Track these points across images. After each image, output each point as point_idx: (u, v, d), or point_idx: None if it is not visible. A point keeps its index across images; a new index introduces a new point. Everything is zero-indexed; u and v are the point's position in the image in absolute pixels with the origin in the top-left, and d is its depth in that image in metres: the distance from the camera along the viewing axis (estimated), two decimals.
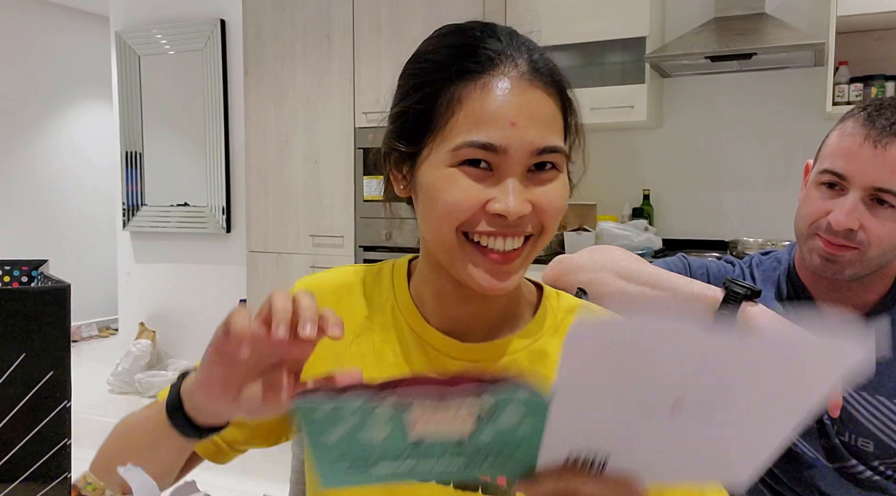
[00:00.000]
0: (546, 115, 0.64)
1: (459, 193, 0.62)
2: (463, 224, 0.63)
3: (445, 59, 0.66)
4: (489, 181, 0.63)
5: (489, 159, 0.62)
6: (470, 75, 0.64)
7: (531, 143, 0.62)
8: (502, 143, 0.62)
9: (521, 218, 0.63)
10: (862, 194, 0.96)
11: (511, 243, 0.64)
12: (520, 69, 0.64)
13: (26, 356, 1.76)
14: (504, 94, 0.63)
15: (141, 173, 4.38)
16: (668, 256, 1.20)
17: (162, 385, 4.02)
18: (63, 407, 1.71)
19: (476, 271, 0.65)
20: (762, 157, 3.12)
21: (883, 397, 1.02)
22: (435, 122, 0.64)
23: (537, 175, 0.64)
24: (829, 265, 1.00)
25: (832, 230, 0.97)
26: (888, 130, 0.94)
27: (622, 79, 3.08)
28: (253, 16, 3.46)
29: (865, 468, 1.03)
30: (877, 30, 2.85)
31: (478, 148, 0.62)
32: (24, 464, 1.81)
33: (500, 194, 0.62)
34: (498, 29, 0.69)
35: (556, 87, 0.66)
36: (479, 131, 0.62)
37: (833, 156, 0.99)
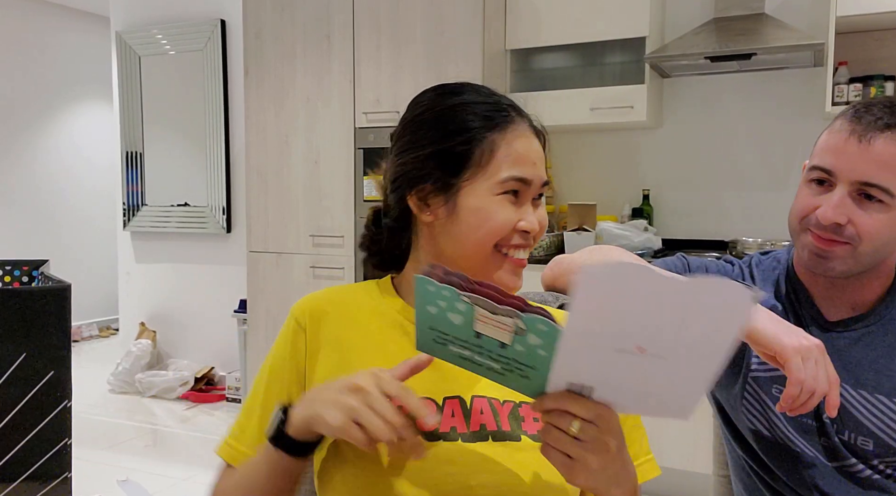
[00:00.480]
0: (542, 156, 0.87)
1: (505, 215, 0.83)
2: (502, 239, 0.84)
3: (480, 113, 0.85)
4: (516, 206, 0.84)
5: (520, 189, 0.84)
6: (505, 124, 0.85)
7: (541, 178, 0.86)
8: (531, 178, 0.84)
9: (536, 233, 0.85)
10: (849, 189, 0.96)
11: (525, 253, 0.86)
12: (527, 122, 0.87)
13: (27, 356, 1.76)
14: (526, 140, 0.85)
15: (141, 173, 4.38)
16: (668, 256, 1.20)
17: (162, 385, 4.03)
18: (63, 406, 1.70)
19: (504, 275, 0.85)
20: (762, 157, 3.12)
21: (882, 396, 1.02)
22: (475, 160, 0.83)
23: (538, 201, 0.87)
24: (821, 261, 1.00)
25: (821, 225, 0.98)
26: (873, 125, 0.95)
27: (622, 79, 3.08)
28: (253, 16, 3.46)
29: (865, 467, 1.03)
30: (877, 30, 2.85)
31: (519, 181, 0.83)
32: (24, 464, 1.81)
33: (526, 216, 0.84)
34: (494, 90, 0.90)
35: (541, 137, 0.89)
36: (518, 168, 0.83)
37: (821, 153, 1.00)
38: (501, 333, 0.61)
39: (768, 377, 1.09)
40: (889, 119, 0.95)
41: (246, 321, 3.71)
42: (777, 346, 0.90)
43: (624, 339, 0.57)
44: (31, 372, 1.89)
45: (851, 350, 1.04)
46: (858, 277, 1.03)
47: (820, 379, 0.87)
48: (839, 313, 1.07)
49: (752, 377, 1.11)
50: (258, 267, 3.52)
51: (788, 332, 0.91)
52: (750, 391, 1.11)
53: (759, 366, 1.10)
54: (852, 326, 1.05)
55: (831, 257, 0.99)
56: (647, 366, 0.59)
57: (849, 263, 0.99)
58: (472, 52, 3.00)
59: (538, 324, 0.59)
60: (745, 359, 1.11)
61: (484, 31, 2.99)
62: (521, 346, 0.61)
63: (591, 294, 0.55)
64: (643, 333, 0.56)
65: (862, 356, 1.04)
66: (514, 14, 3.19)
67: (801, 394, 0.87)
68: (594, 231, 2.97)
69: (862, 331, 1.05)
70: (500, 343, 0.62)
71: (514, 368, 0.64)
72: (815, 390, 0.87)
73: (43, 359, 1.90)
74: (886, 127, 0.95)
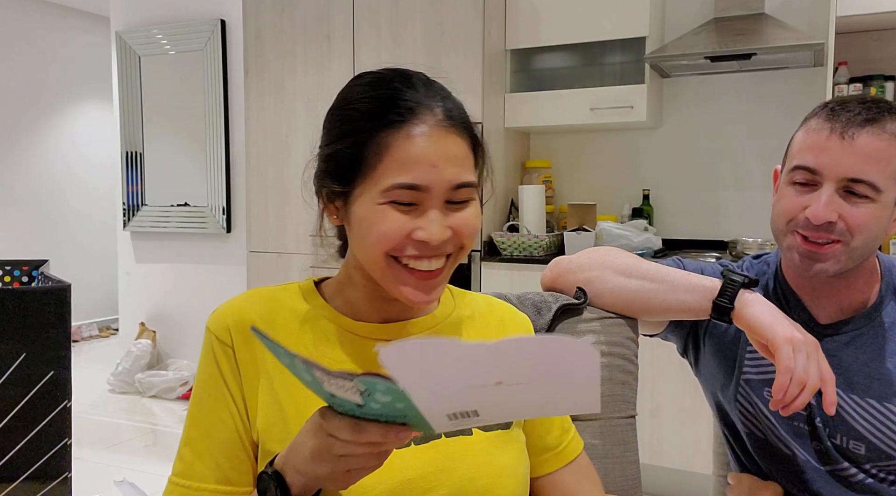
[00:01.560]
0: (460, 155, 0.76)
1: (390, 224, 0.74)
2: (391, 250, 0.75)
3: (370, 109, 0.76)
4: (414, 213, 0.75)
5: (413, 197, 0.74)
6: (394, 124, 0.74)
7: (449, 181, 0.74)
8: (425, 183, 0.73)
9: (442, 242, 0.75)
10: (836, 186, 0.96)
11: (434, 263, 0.76)
12: (436, 116, 0.75)
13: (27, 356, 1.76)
14: (424, 139, 0.74)
15: (141, 173, 4.38)
16: (668, 256, 1.20)
17: (162, 385, 4.02)
18: (63, 406, 1.70)
19: (405, 289, 0.76)
20: (762, 158, 3.12)
21: (873, 400, 1.02)
22: (365, 165, 0.75)
23: (454, 205, 0.76)
24: (812, 263, 0.99)
25: (811, 225, 0.97)
26: (853, 121, 0.95)
27: (622, 79, 3.08)
28: (253, 16, 3.46)
29: (858, 471, 1.03)
30: (876, 30, 2.85)
31: (405, 189, 0.73)
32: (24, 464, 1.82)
33: (424, 224, 0.74)
34: (414, 79, 0.80)
35: (467, 130, 0.78)
36: (406, 174, 0.73)
37: (802, 152, 0.99)
38: (351, 395, 0.57)
39: (760, 379, 1.09)
40: (868, 114, 0.95)
41: None
42: (770, 334, 0.91)
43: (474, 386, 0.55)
44: (31, 372, 1.89)
45: (842, 353, 1.04)
46: (844, 276, 1.03)
47: (811, 372, 0.87)
48: (829, 315, 1.06)
49: (744, 379, 1.11)
50: (258, 267, 3.52)
51: (784, 323, 0.91)
52: (742, 393, 1.11)
53: (752, 368, 1.10)
54: (843, 329, 1.05)
55: (823, 258, 0.98)
56: (518, 389, 0.57)
57: (842, 261, 0.98)
58: (472, 52, 3.00)
59: (376, 384, 0.54)
60: (738, 360, 1.11)
61: (484, 31, 2.99)
62: (376, 404, 0.58)
63: (402, 372, 0.53)
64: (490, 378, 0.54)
65: (853, 359, 1.04)
66: (514, 14, 3.19)
67: (790, 385, 0.87)
68: (594, 231, 2.97)
69: (852, 335, 1.04)
70: (356, 404, 0.58)
71: (389, 420, 0.61)
72: (805, 382, 0.87)
73: (43, 359, 1.91)
74: (867, 122, 0.94)
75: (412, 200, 0.74)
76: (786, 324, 0.91)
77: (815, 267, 0.99)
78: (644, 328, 1.15)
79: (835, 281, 1.04)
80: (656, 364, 2.64)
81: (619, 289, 1.06)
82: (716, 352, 1.15)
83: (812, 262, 0.99)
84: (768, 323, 0.92)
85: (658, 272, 1.04)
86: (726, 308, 0.96)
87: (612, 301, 1.07)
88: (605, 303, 1.08)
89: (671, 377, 2.64)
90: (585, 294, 1.09)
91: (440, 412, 0.58)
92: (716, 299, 0.97)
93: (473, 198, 0.78)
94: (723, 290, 0.97)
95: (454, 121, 0.76)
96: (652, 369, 2.63)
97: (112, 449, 3.32)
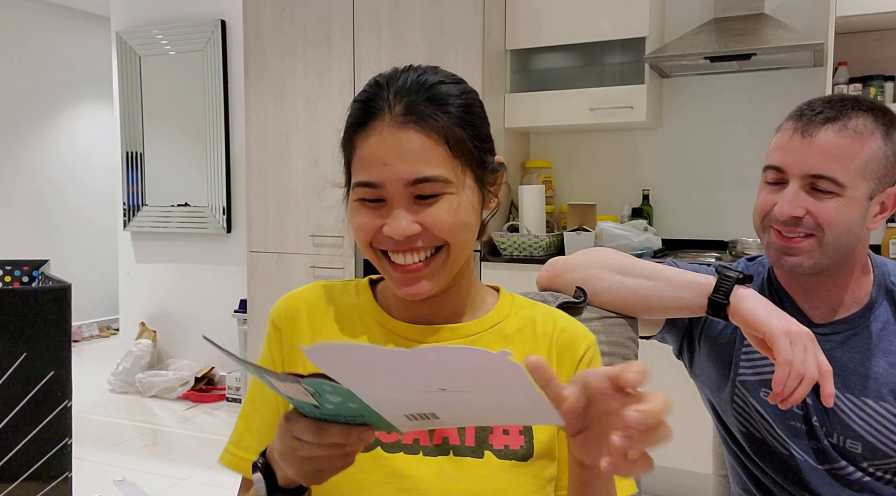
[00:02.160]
0: (416, 150, 0.75)
1: (359, 220, 0.79)
2: (372, 242, 0.79)
3: (353, 118, 0.80)
4: (383, 210, 0.77)
5: (376, 194, 0.77)
6: (361, 127, 0.78)
7: (402, 178, 0.75)
8: (378, 180, 0.76)
9: (411, 237, 0.76)
10: (801, 183, 1.00)
11: (411, 257, 0.78)
12: (394, 114, 0.76)
13: (27, 356, 1.77)
14: (377, 138, 0.76)
15: (141, 173, 4.38)
16: (667, 257, 1.21)
17: (162, 385, 4.03)
18: (64, 406, 1.71)
19: (392, 281, 0.80)
20: (762, 158, 3.11)
21: (869, 399, 1.02)
22: (347, 168, 0.83)
23: (424, 200, 0.76)
24: (786, 258, 1.02)
25: (780, 220, 1.00)
26: (814, 120, 0.99)
27: (622, 79, 3.08)
28: (253, 16, 3.47)
29: (855, 469, 1.03)
30: (876, 30, 2.86)
31: (364, 186, 0.77)
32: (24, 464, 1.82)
33: (389, 220, 0.76)
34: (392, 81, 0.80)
35: (431, 122, 0.76)
36: (363, 173, 0.77)
37: (772, 153, 1.05)
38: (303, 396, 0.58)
39: (756, 380, 1.09)
40: (829, 113, 0.99)
41: (246, 321, 3.72)
42: (766, 328, 0.91)
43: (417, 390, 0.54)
44: (31, 372, 1.89)
45: (837, 353, 1.05)
46: (830, 274, 1.04)
47: (809, 364, 0.88)
48: (822, 315, 1.07)
49: (739, 380, 1.11)
50: (258, 267, 3.52)
51: (779, 317, 0.92)
52: (738, 394, 1.12)
53: (748, 369, 1.10)
54: (837, 329, 1.06)
55: (796, 252, 1.00)
56: (465, 396, 0.55)
57: (815, 256, 1.00)
58: (472, 52, 3.00)
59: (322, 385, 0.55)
60: (734, 361, 1.12)
61: (484, 31, 2.99)
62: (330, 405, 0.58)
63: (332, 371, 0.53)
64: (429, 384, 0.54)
65: (848, 359, 1.04)
66: (514, 14, 3.19)
67: (789, 377, 0.87)
68: (594, 231, 2.97)
69: (847, 334, 1.05)
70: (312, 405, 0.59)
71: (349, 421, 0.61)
72: (803, 375, 0.87)
73: (43, 359, 1.91)
74: (826, 120, 0.98)
75: (376, 197, 0.77)
76: (781, 318, 0.92)
77: (788, 261, 1.01)
78: (641, 328, 1.15)
79: (822, 279, 1.05)
80: (656, 364, 2.64)
81: (616, 288, 1.06)
82: (711, 354, 1.15)
83: (785, 256, 1.02)
84: (763, 316, 0.92)
85: (654, 270, 1.05)
86: (722, 304, 0.97)
87: (610, 299, 1.08)
88: (602, 301, 1.09)
89: (671, 377, 2.64)
90: (585, 293, 1.09)
91: (396, 412, 0.58)
92: (711, 295, 0.98)
93: (445, 192, 0.76)
94: (718, 286, 0.98)
95: (415, 115, 0.76)
96: (652, 369, 2.63)
97: (112, 449, 3.33)
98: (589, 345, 0.86)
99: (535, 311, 0.88)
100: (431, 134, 0.76)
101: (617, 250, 1.13)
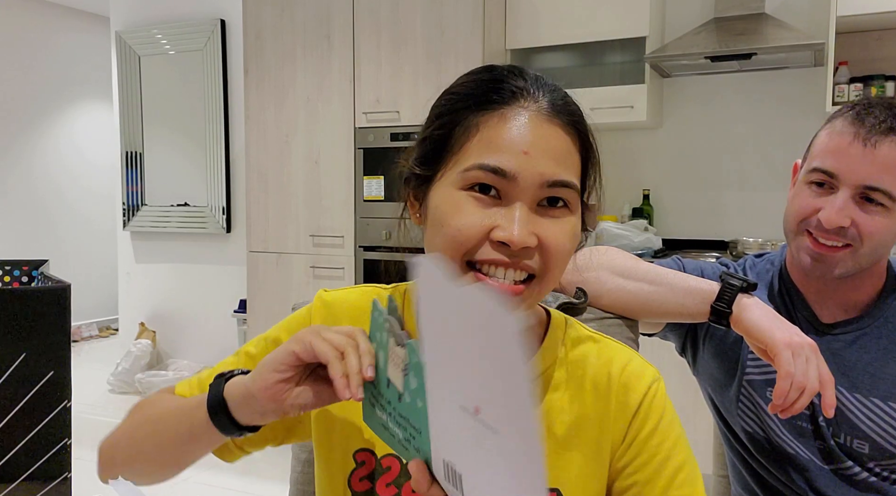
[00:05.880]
0: (561, 150, 0.65)
1: (465, 219, 0.63)
2: (467, 252, 0.64)
3: (470, 92, 0.67)
4: (497, 208, 0.64)
5: (499, 186, 0.63)
6: (490, 106, 0.65)
7: (542, 174, 0.63)
8: (512, 170, 0.62)
9: (524, 249, 0.63)
10: (852, 192, 0.96)
11: (512, 275, 0.64)
12: (540, 105, 0.65)
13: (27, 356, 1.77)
14: (520, 124, 0.64)
15: (141, 173, 4.38)
16: (667, 257, 1.20)
17: (162, 385, 4.02)
18: (63, 407, 1.71)
19: None
20: (762, 157, 3.12)
21: (877, 399, 1.02)
22: (451, 146, 0.66)
23: (547, 210, 0.65)
24: (820, 265, 1.00)
25: (822, 228, 0.97)
26: (877, 128, 0.94)
27: (622, 79, 3.08)
28: (253, 16, 3.46)
29: (861, 469, 1.03)
30: (877, 30, 2.85)
31: (488, 171, 0.63)
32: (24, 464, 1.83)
33: (505, 222, 0.62)
34: (526, 71, 0.69)
35: (575, 128, 0.67)
36: (492, 156, 0.63)
37: (823, 154, 0.99)
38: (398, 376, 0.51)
39: (763, 380, 1.09)
40: (893, 122, 0.95)
41: (246, 321, 3.71)
42: (768, 339, 0.90)
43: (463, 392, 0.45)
44: (31, 372, 1.89)
45: (846, 352, 1.04)
46: (852, 278, 1.03)
47: (811, 375, 0.87)
48: (832, 315, 1.07)
49: (746, 379, 1.11)
50: (258, 267, 3.52)
51: (782, 327, 0.91)
52: (745, 393, 1.11)
53: (754, 369, 1.10)
54: (847, 329, 1.05)
55: (830, 261, 0.99)
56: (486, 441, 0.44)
57: (848, 265, 0.99)
58: (472, 52, 2.99)
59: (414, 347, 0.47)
60: (741, 361, 1.11)
61: (484, 31, 2.99)
62: (409, 396, 0.51)
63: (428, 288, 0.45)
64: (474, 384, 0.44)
65: (857, 359, 1.04)
66: (514, 14, 3.19)
67: (791, 389, 0.87)
68: (594, 231, 2.97)
69: (856, 334, 1.05)
70: (399, 394, 0.52)
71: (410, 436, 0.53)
72: (804, 386, 0.87)
73: (43, 359, 1.90)
74: (890, 130, 0.94)
75: (496, 189, 0.64)
76: (784, 329, 0.91)
77: (819, 268, 1.00)
78: (643, 327, 1.15)
79: (841, 282, 1.04)
80: (656, 364, 2.64)
81: (617, 291, 1.05)
82: (716, 354, 1.15)
83: (820, 265, 1.00)
84: (766, 327, 0.91)
85: (657, 275, 1.03)
86: (724, 312, 0.96)
87: (610, 302, 1.07)
88: (602, 304, 1.08)
89: (671, 378, 2.64)
90: (585, 294, 1.08)
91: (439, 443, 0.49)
92: (714, 303, 0.96)
93: (573, 210, 0.67)
94: (721, 294, 0.96)
95: (560, 113, 0.66)
96: None
97: None
98: (644, 393, 0.73)
99: (590, 350, 0.75)
100: (574, 138, 0.67)
101: (619, 249, 1.12)
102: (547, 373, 0.74)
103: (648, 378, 0.74)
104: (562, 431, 0.72)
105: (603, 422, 0.72)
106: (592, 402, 0.73)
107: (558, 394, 0.73)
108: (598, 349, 0.76)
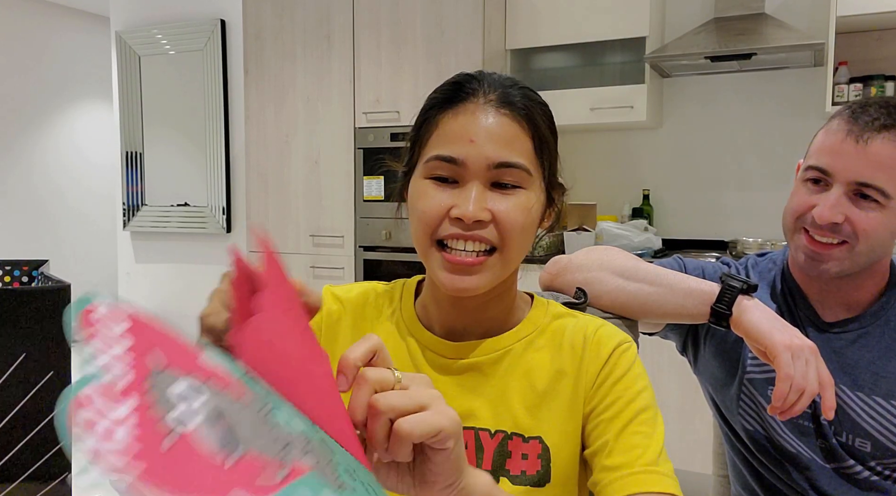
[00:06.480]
0: (508, 135, 0.73)
1: (429, 202, 0.74)
2: (434, 232, 0.74)
3: (438, 96, 0.77)
4: (455, 192, 0.73)
5: (453, 171, 0.73)
6: (450, 105, 0.75)
7: (487, 158, 0.72)
8: (461, 156, 0.72)
9: (478, 223, 0.72)
10: (845, 189, 0.97)
11: (471, 246, 0.73)
12: (489, 98, 0.75)
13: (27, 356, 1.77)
14: (468, 116, 0.74)
15: (141, 173, 4.38)
16: (667, 257, 1.20)
17: None
18: None
19: (441, 273, 0.74)
20: (762, 157, 3.12)
21: (879, 398, 1.02)
22: (420, 143, 0.77)
23: (500, 189, 0.74)
24: (815, 264, 1.00)
25: (817, 224, 0.98)
26: (870, 126, 0.95)
27: (622, 79, 3.08)
28: (253, 16, 3.46)
29: (863, 468, 1.03)
30: (877, 30, 2.85)
31: (442, 160, 0.73)
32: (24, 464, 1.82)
33: (460, 201, 0.72)
34: (487, 74, 0.78)
35: (525, 115, 0.75)
36: (445, 147, 0.73)
37: (818, 153, 1.01)
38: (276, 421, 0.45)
39: (764, 379, 1.09)
40: (886, 119, 0.95)
41: None
42: (768, 341, 0.90)
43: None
44: (31, 372, 1.89)
45: (848, 351, 1.04)
46: (853, 277, 1.03)
47: (810, 378, 0.87)
48: (834, 314, 1.07)
49: (747, 378, 1.11)
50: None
51: (782, 330, 0.91)
52: (746, 392, 1.11)
53: (755, 368, 1.10)
54: (849, 327, 1.05)
55: (826, 259, 0.99)
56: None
57: (845, 264, 0.99)
58: (472, 52, 3.00)
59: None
60: (742, 360, 1.11)
61: (484, 31, 2.99)
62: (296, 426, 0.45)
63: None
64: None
65: (859, 357, 1.04)
66: (514, 14, 3.19)
67: (790, 391, 0.87)
68: (594, 231, 2.97)
69: (858, 333, 1.05)
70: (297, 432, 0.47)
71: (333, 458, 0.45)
72: (804, 389, 0.87)
73: (43, 359, 1.91)
74: (883, 127, 0.95)
75: (451, 176, 0.73)
76: (784, 331, 0.91)
77: (817, 266, 1.00)
78: (643, 327, 1.15)
79: (843, 282, 1.04)
80: (656, 364, 2.64)
81: (616, 292, 1.05)
82: (717, 353, 1.15)
83: (815, 263, 1.00)
84: (766, 330, 0.91)
85: (657, 275, 1.03)
86: (724, 314, 0.96)
87: (610, 303, 1.07)
88: (602, 304, 1.08)
89: (671, 377, 2.64)
90: (586, 294, 1.08)
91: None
92: (714, 305, 0.96)
93: (523, 186, 0.74)
94: (721, 296, 0.96)
95: (511, 105, 0.74)
96: (652, 370, 2.62)
97: None
98: (615, 347, 0.80)
99: (568, 321, 0.84)
100: (523, 124, 0.75)
101: (620, 249, 1.12)
102: (529, 338, 0.83)
103: (621, 337, 0.82)
104: (542, 385, 0.80)
105: (578, 375, 0.80)
106: (570, 359, 0.81)
107: (540, 354, 0.82)
108: (576, 320, 0.85)
